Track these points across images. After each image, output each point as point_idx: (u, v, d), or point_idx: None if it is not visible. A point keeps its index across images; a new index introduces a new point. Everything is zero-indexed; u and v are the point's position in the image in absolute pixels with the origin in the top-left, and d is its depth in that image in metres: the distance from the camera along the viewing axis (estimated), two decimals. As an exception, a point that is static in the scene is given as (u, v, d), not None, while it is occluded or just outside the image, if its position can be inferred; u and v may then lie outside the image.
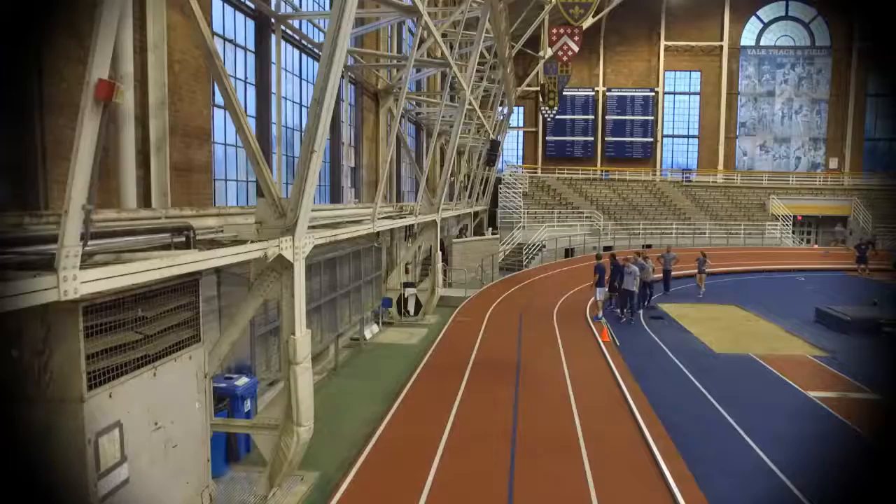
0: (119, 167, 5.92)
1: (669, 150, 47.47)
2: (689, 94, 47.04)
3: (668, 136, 47.26)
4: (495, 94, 26.96)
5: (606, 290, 17.55)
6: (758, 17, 46.30)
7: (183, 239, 4.98)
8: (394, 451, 8.37)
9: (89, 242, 3.72)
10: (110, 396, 3.89)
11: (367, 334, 14.91)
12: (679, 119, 47.40)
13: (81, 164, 3.48)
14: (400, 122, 18.17)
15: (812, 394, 11.14)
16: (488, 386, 11.24)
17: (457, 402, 10.23)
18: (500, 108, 31.39)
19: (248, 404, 7.92)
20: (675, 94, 47.02)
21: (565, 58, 24.60)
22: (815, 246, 40.82)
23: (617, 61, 46.40)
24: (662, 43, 45.92)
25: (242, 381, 7.96)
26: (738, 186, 44.69)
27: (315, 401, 7.13)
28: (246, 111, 8.73)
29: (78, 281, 3.39)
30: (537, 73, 36.11)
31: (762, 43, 46.46)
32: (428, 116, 23.20)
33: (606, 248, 30.29)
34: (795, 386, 11.60)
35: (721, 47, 45.97)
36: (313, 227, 7.64)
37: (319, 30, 12.72)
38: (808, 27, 46.02)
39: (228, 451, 7.70)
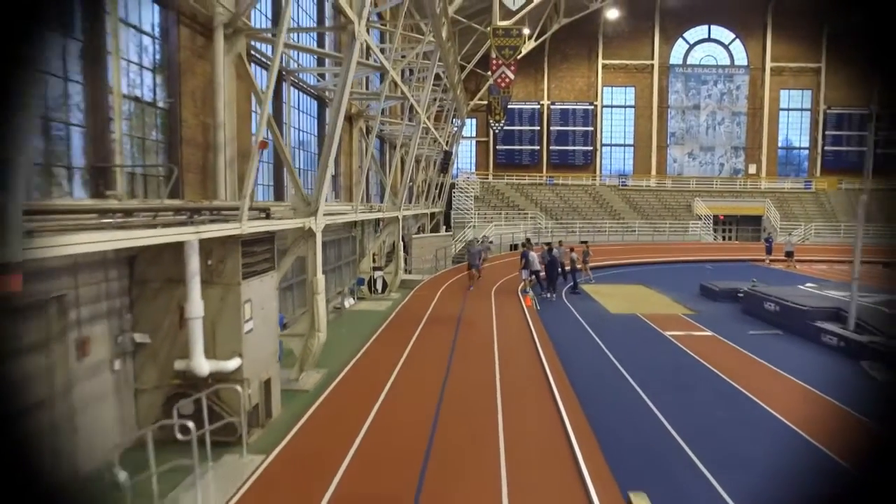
0: (216, 177, 10.18)
1: (608, 157, 51.93)
2: (625, 107, 51.74)
3: (606, 144, 51.75)
4: (448, 110, 31.44)
5: (531, 271, 22.12)
6: (684, 39, 51.45)
7: (265, 215, 9.28)
8: (370, 362, 12.70)
9: (222, 213, 8.06)
10: (248, 285, 8.19)
11: (346, 304, 19.16)
12: (616, 130, 51.95)
13: (249, 177, 7.77)
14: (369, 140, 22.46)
15: (668, 333, 15.88)
16: (436, 330, 15.65)
17: (413, 338, 14.62)
18: (454, 121, 35.84)
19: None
20: (612, 107, 51.65)
21: (503, 84, 29.25)
22: (737, 242, 46.47)
23: (560, 77, 50.94)
24: (600, 61, 50.52)
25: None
26: (668, 190, 49.66)
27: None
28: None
29: (246, 226, 7.68)
30: (487, 90, 40.81)
31: (688, 62, 51.50)
32: (391, 132, 27.48)
33: (546, 243, 35.03)
34: (659, 329, 16.32)
35: (652, 65, 50.82)
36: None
37: (315, 77, 17.07)
38: (728, 48, 51.62)
39: (268, 357, 11.94)
